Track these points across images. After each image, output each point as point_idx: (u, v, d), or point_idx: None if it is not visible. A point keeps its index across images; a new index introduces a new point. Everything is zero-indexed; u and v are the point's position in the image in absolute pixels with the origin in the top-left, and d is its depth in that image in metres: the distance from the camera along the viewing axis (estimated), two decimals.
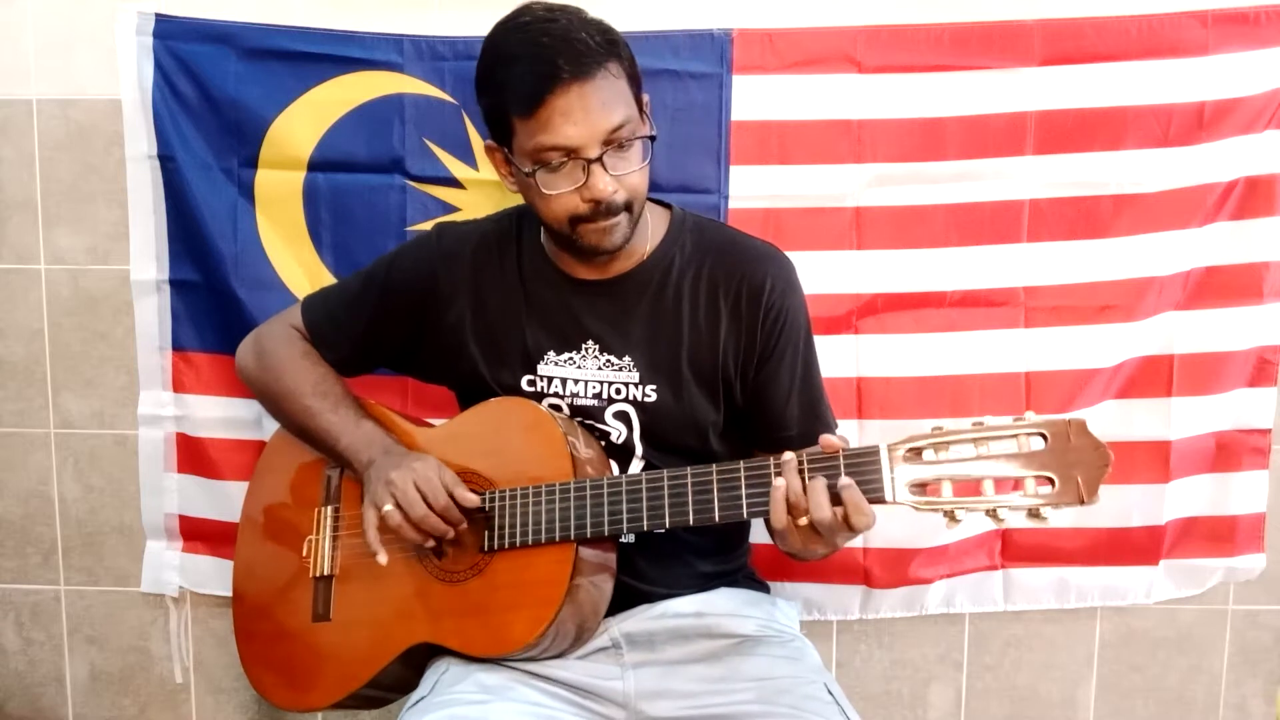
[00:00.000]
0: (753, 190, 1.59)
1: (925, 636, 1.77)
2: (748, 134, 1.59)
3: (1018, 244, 1.60)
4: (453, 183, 1.63)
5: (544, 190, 1.16)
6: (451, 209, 1.62)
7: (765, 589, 1.39)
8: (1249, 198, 1.58)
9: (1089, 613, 1.74)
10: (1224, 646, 1.76)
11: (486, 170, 1.62)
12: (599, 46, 1.12)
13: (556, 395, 1.27)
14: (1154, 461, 1.63)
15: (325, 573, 1.31)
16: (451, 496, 1.18)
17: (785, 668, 1.23)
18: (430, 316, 1.32)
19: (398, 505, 1.18)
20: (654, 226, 1.28)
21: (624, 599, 1.25)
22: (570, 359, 1.27)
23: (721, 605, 1.30)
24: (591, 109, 1.11)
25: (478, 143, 1.62)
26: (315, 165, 1.63)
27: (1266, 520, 1.66)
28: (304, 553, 1.33)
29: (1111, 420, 1.63)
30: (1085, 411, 1.62)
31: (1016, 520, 0.99)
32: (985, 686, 1.78)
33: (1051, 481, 0.98)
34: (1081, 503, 0.97)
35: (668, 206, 1.33)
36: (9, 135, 1.72)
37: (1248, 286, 1.60)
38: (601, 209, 1.16)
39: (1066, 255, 1.60)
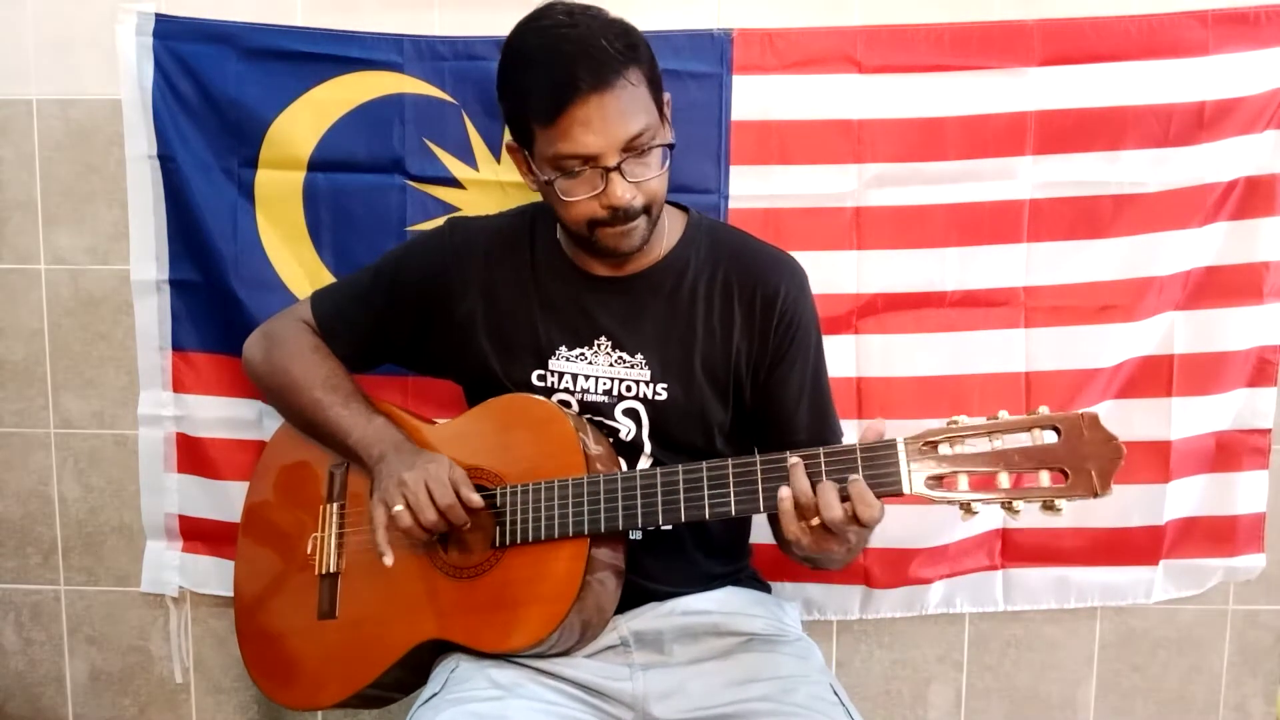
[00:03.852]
0: (753, 190, 1.59)
1: (925, 636, 1.77)
2: (748, 134, 1.58)
3: (1018, 244, 1.60)
4: (453, 183, 1.63)
5: (563, 197, 1.16)
6: (451, 209, 1.62)
7: (767, 589, 1.40)
8: (1249, 198, 1.58)
9: (1089, 613, 1.74)
10: (1224, 646, 1.75)
11: (487, 170, 1.62)
12: (619, 54, 1.11)
13: (567, 391, 1.27)
14: (1154, 461, 1.63)
15: (331, 570, 1.30)
16: (458, 496, 1.17)
17: (793, 666, 1.23)
18: (440, 311, 1.31)
19: (409, 507, 1.17)
20: (670, 227, 1.29)
21: (631, 597, 1.25)
22: (582, 355, 1.27)
23: (730, 603, 1.30)
24: (610, 119, 1.12)
25: (478, 142, 1.62)
26: (315, 165, 1.63)
27: (1266, 520, 1.66)
28: (309, 550, 1.32)
29: (1111, 420, 1.58)
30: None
31: (1031, 512, 1.01)
32: (985, 686, 1.78)
33: (1065, 475, 1.00)
34: (1095, 495, 0.99)
35: (684, 209, 1.34)
36: (9, 135, 1.72)
37: (1248, 286, 1.59)
38: (620, 214, 1.16)
39: (1066, 255, 1.60)
